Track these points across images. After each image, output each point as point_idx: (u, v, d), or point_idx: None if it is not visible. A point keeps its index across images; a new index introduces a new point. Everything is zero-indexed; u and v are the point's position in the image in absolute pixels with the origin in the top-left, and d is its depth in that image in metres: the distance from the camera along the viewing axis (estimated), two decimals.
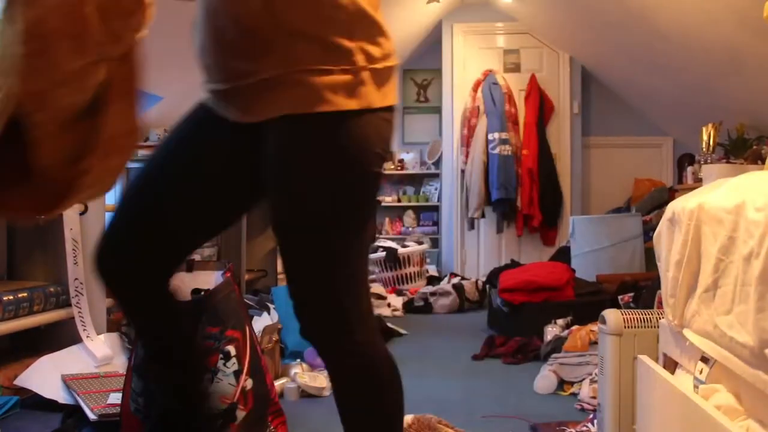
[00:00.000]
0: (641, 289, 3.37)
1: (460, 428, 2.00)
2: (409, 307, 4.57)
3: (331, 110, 1.12)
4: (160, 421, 1.53)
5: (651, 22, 3.95)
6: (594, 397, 2.27)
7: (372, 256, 5.33)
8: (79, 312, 2.57)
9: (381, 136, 1.18)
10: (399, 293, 4.90)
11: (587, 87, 5.94)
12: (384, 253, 5.21)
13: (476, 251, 5.84)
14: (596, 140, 5.99)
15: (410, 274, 5.20)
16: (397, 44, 4.93)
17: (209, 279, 2.03)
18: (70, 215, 2.57)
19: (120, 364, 2.54)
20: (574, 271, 3.90)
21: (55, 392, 2.25)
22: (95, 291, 2.73)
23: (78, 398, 2.17)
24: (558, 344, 2.91)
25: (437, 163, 6.09)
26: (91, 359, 2.49)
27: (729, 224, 1.06)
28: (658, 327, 1.50)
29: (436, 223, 6.11)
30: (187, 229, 1.30)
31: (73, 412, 2.16)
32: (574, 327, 3.00)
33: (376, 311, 4.19)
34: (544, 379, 2.57)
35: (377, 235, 5.59)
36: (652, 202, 5.32)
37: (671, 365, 1.40)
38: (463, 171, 5.68)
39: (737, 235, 1.03)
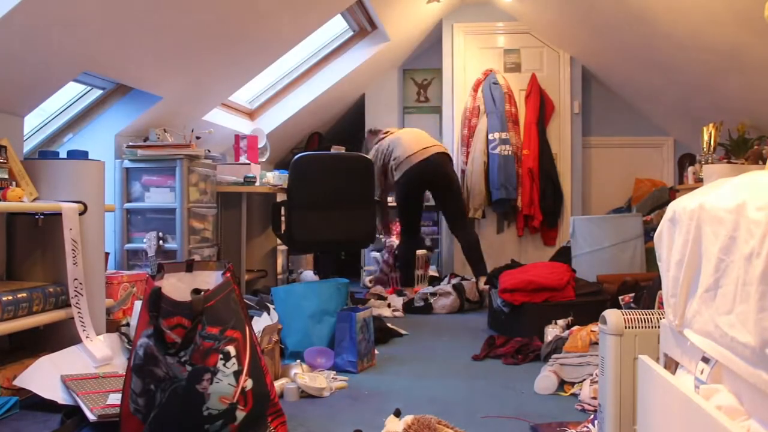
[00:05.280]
0: (642, 289, 3.37)
1: (460, 428, 1.99)
2: (409, 307, 4.56)
3: None
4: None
5: (652, 22, 3.95)
6: (594, 398, 2.27)
7: (376, 255, 5.34)
8: (79, 312, 2.57)
9: None
10: (399, 293, 4.89)
11: (588, 87, 5.93)
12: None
13: None
14: (597, 140, 5.99)
15: (415, 276, 5.21)
16: (398, 44, 4.97)
17: (209, 279, 2.02)
18: (70, 215, 2.57)
19: (119, 364, 2.54)
20: (574, 271, 3.90)
21: (55, 393, 2.25)
22: (95, 291, 2.73)
23: (77, 399, 2.17)
24: (558, 344, 2.91)
25: None
26: (91, 360, 2.49)
27: (730, 224, 1.05)
28: (658, 327, 1.50)
29: (437, 223, 6.10)
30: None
31: (72, 412, 2.16)
32: (575, 327, 2.99)
33: (376, 312, 4.19)
34: (545, 379, 2.57)
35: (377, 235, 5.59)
36: (653, 202, 5.33)
37: (672, 365, 1.39)
38: (463, 171, 5.67)
39: (738, 234, 1.02)
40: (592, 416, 2.06)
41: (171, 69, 3.66)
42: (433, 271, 5.57)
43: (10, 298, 2.38)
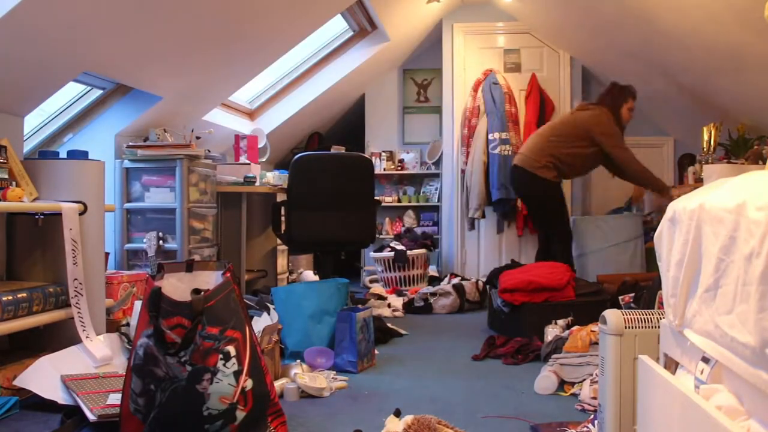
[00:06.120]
0: (642, 289, 3.37)
1: (460, 428, 2.00)
2: (409, 307, 4.56)
3: None
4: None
5: (651, 22, 3.95)
6: (594, 398, 2.27)
7: (378, 255, 5.35)
8: (79, 312, 2.57)
9: None
10: (399, 294, 4.90)
11: (587, 87, 5.93)
12: (392, 254, 5.22)
13: (476, 251, 5.83)
14: None
15: (414, 275, 5.22)
16: (398, 44, 4.97)
17: (209, 279, 2.02)
18: (70, 215, 2.57)
19: (119, 364, 2.54)
20: (574, 271, 3.90)
21: (55, 393, 2.25)
22: (95, 291, 2.73)
23: (77, 399, 2.17)
24: (558, 345, 2.91)
25: (437, 163, 6.09)
26: (91, 360, 2.49)
27: (730, 224, 1.05)
28: (658, 327, 1.50)
29: (437, 223, 6.10)
30: None
31: (72, 412, 2.15)
32: (575, 327, 3.00)
33: (376, 312, 4.19)
34: (545, 379, 2.57)
35: (378, 235, 5.60)
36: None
37: (672, 365, 1.39)
38: (463, 171, 5.67)
39: (738, 234, 1.02)
40: (592, 416, 2.06)
41: (171, 69, 3.66)
42: (433, 271, 5.58)
43: (10, 298, 2.38)
